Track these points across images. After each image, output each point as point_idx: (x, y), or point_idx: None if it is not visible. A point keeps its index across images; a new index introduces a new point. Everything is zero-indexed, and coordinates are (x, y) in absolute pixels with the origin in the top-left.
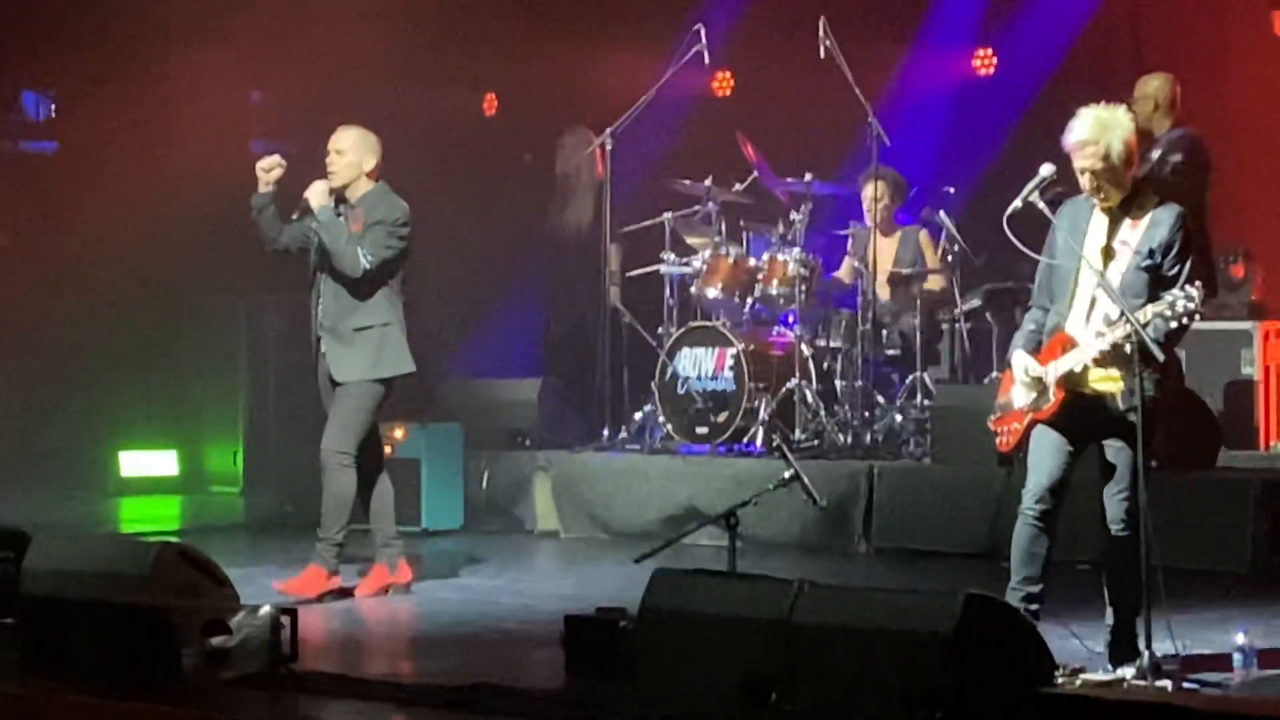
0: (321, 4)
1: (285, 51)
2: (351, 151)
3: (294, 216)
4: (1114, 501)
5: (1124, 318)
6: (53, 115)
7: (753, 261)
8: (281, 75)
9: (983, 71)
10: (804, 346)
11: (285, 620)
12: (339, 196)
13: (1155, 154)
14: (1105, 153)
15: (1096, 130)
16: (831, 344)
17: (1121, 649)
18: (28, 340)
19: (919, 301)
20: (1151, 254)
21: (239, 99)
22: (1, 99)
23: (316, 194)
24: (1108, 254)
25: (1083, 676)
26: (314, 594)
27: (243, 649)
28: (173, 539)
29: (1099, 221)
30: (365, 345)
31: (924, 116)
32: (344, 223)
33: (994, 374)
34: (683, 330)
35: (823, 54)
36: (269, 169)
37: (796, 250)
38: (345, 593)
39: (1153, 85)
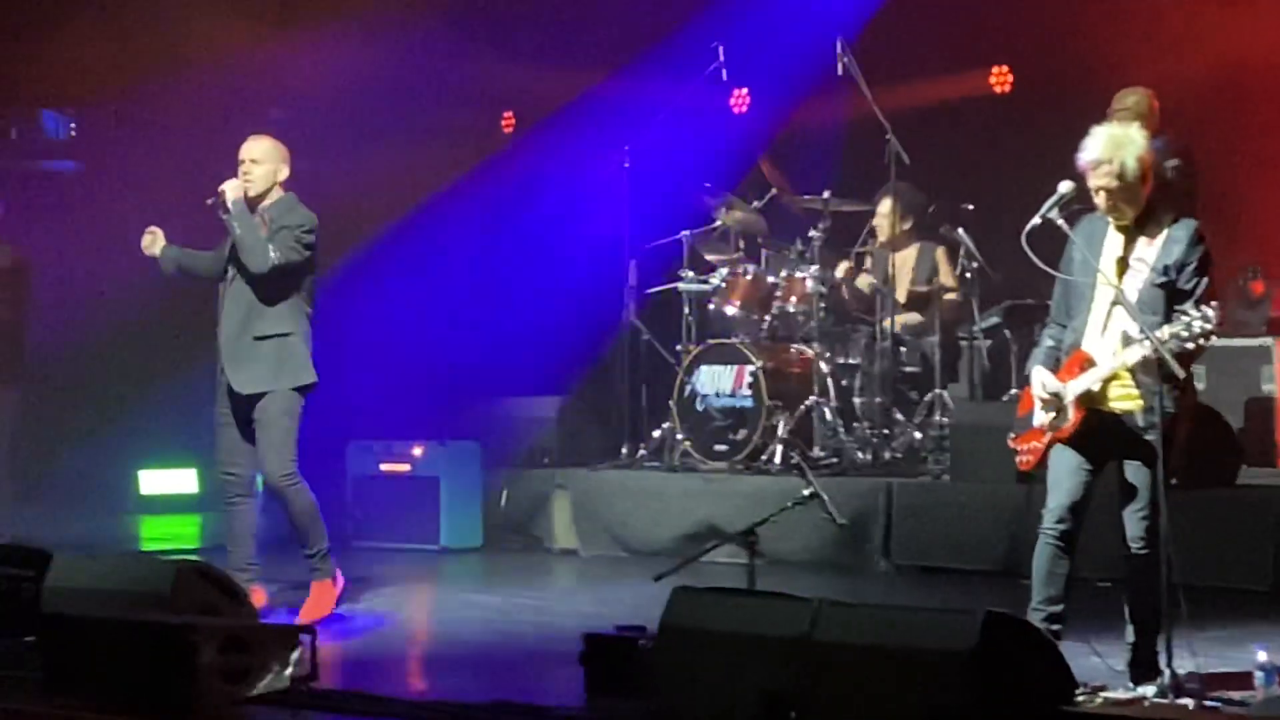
0: (340, 22)
1: (304, 69)
2: (267, 161)
3: (207, 201)
4: (1134, 520)
5: (1143, 335)
6: (72, 134)
7: (770, 279)
8: (300, 93)
9: (999, 89)
10: (822, 363)
11: (305, 638)
12: (250, 205)
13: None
14: (1120, 171)
15: (1110, 149)
16: (850, 361)
17: (1142, 667)
18: (47, 359)
19: (938, 319)
20: (1167, 270)
21: (258, 117)
22: (21, 118)
23: (232, 188)
24: (1124, 270)
25: (1104, 695)
26: (331, 607)
27: (261, 668)
28: (192, 557)
29: (1115, 238)
30: (266, 355)
31: (942, 133)
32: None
33: (1013, 391)
34: (701, 347)
35: (840, 71)
36: (148, 245)
37: (814, 267)
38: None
39: (1131, 99)
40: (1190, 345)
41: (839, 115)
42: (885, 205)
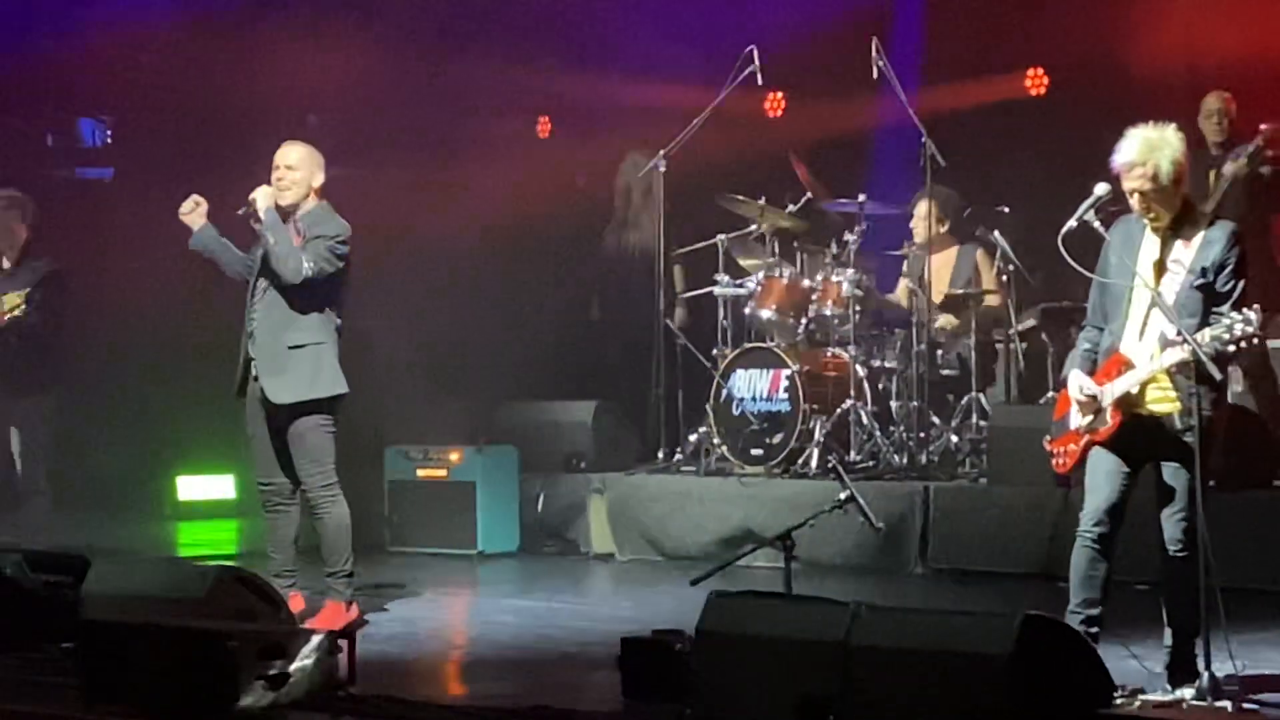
0: (376, 27)
1: (340, 75)
2: (302, 168)
3: (239, 212)
4: (1172, 522)
5: (1181, 338)
6: (108, 142)
7: (806, 282)
8: (337, 99)
9: (1035, 91)
10: (859, 367)
11: (342, 644)
12: (283, 213)
13: (1240, 160)
14: (1154, 173)
15: (1145, 151)
16: (886, 364)
17: (1181, 670)
18: (85, 365)
19: (974, 322)
20: (1204, 272)
21: (294, 123)
22: (58, 126)
23: (263, 196)
24: (1161, 273)
25: (1142, 697)
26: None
27: (300, 673)
28: (230, 563)
29: (1152, 240)
30: (299, 364)
31: (977, 136)
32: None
33: (1050, 394)
34: (737, 352)
35: (875, 74)
36: (189, 211)
37: (850, 271)
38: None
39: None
40: (1231, 348)
41: (874, 118)
42: (923, 208)
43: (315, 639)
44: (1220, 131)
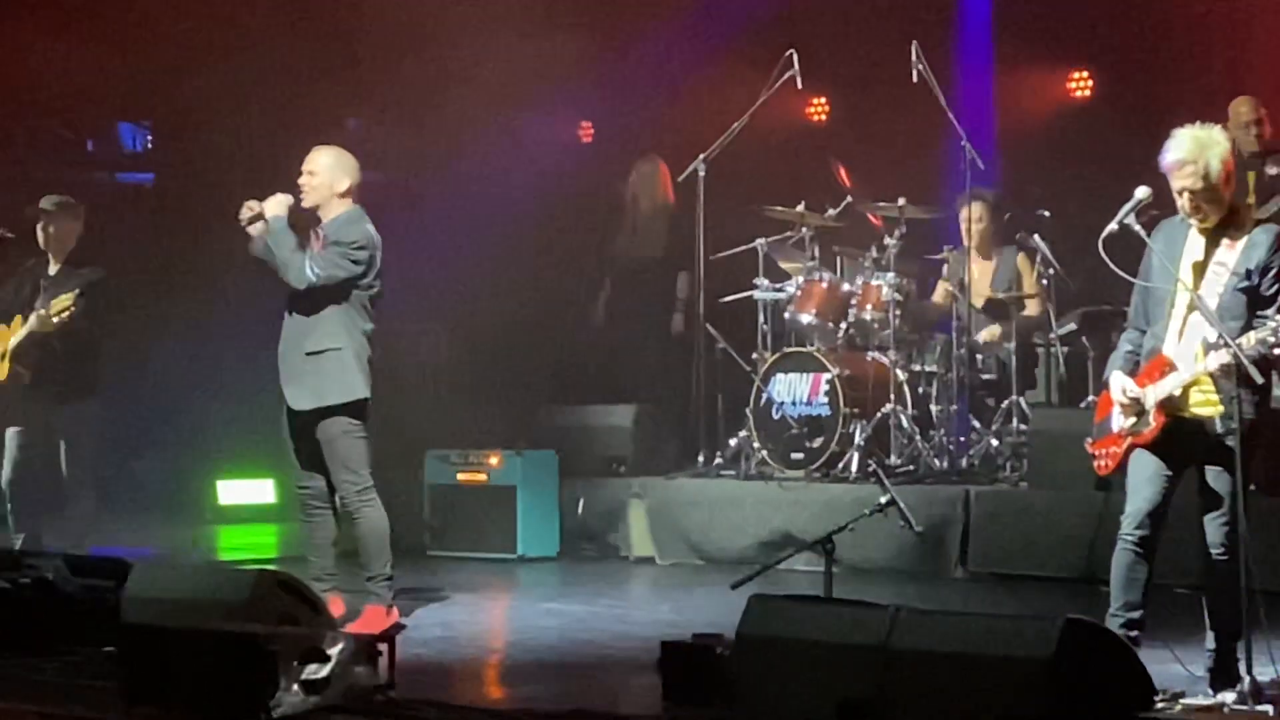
0: (417, 31)
1: (381, 79)
2: (323, 173)
3: (240, 218)
4: (1214, 526)
5: (1222, 340)
6: (149, 147)
7: (846, 286)
8: (377, 103)
9: (1079, 94)
10: (899, 371)
11: (382, 648)
12: (313, 217)
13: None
14: (1204, 172)
15: (1195, 150)
16: (926, 368)
17: (1222, 674)
18: (126, 370)
19: (1015, 325)
20: (1249, 275)
21: (335, 127)
22: (98, 131)
23: (274, 204)
24: (1204, 275)
25: (1183, 701)
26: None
27: (340, 677)
28: (270, 567)
29: (1195, 242)
30: (316, 371)
31: (1019, 139)
32: (294, 234)
33: (1090, 398)
34: (777, 356)
35: (915, 78)
36: (248, 219)
37: (890, 275)
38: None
39: (1245, 108)
40: (1276, 351)
41: (914, 122)
42: (975, 211)
43: (355, 643)
44: (1254, 141)
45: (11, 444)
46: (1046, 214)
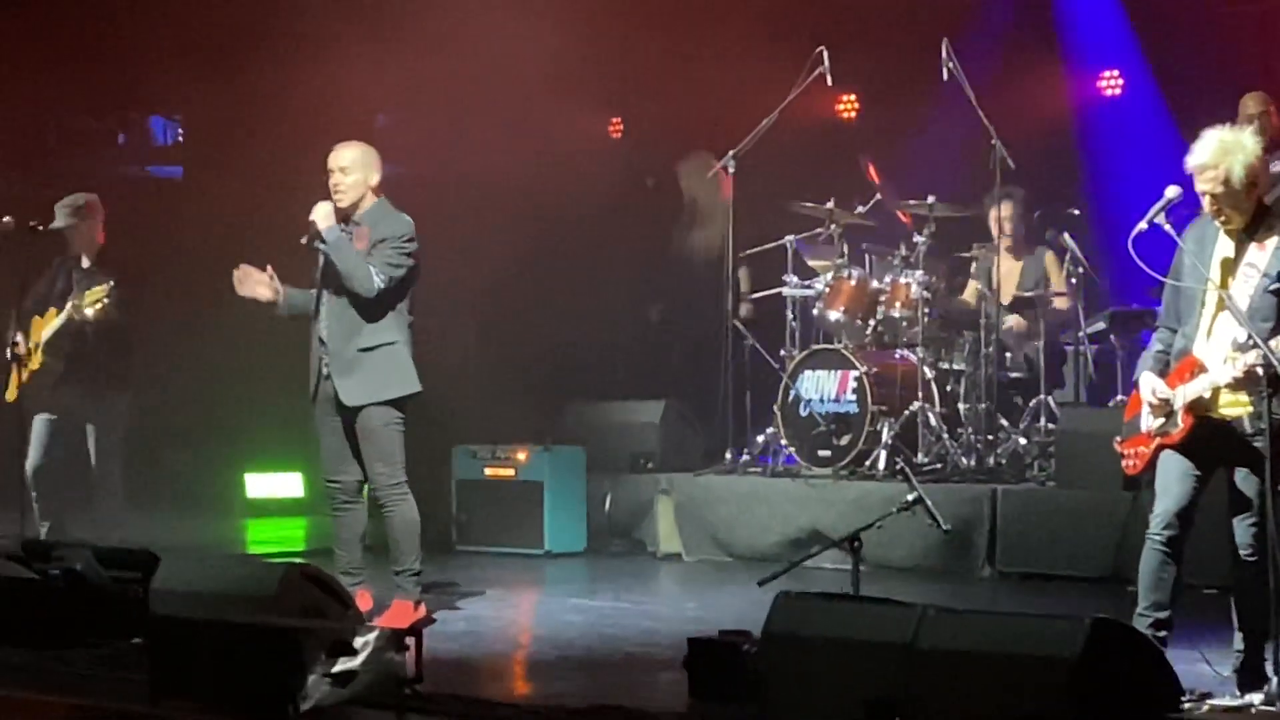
0: (446, 28)
1: (410, 75)
2: (356, 169)
3: (302, 240)
4: (1243, 527)
5: (1251, 341)
6: (179, 140)
7: (875, 284)
8: (406, 99)
9: (1109, 92)
10: (927, 369)
11: (409, 642)
12: (342, 215)
13: None
14: (1226, 177)
15: (1218, 154)
16: (954, 366)
17: (1250, 675)
18: (155, 364)
19: (1043, 324)
20: (1279, 277)
21: (364, 123)
22: (129, 124)
23: (322, 215)
24: (1234, 276)
25: (1210, 702)
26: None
27: (367, 671)
28: (298, 560)
29: (1225, 243)
30: (372, 366)
31: (1049, 138)
32: (352, 241)
33: (1119, 397)
34: (805, 353)
35: (946, 76)
36: (241, 281)
37: (919, 272)
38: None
39: (1252, 102)
40: None
41: (944, 119)
42: (1005, 210)
43: (383, 637)
44: (1260, 135)
45: (42, 431)
46: (1076, 212)
